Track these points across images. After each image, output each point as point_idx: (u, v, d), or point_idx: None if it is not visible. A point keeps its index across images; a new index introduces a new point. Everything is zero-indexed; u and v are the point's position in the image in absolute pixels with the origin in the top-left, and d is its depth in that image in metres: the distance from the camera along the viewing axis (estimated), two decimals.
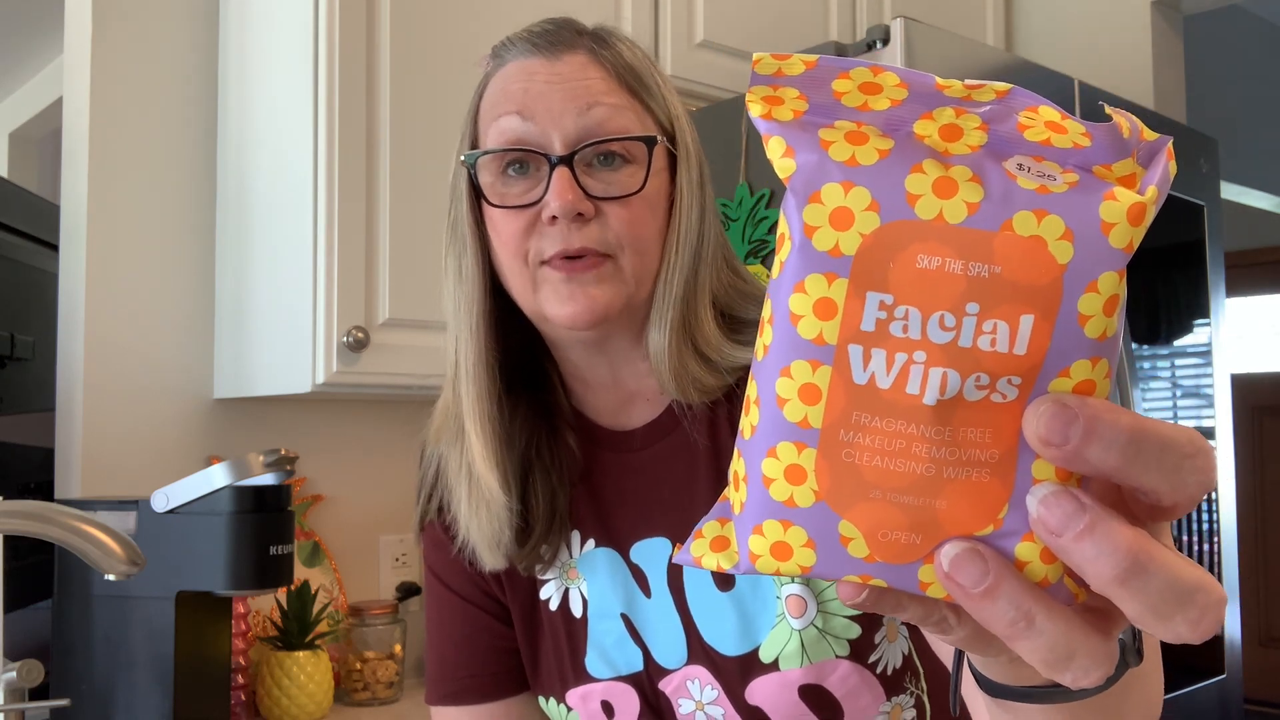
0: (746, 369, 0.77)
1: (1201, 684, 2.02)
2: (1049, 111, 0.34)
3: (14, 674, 1.18)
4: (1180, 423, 2.02)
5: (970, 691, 0.53)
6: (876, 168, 0.32)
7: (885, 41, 1.59)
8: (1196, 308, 2.11)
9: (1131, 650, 0.42)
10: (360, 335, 1.49)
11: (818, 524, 0.34)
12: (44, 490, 1.63)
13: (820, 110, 0.35)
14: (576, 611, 0.87)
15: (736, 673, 0.79)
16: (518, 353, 0.85)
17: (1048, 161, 0.33)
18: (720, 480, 0.80)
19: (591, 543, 0.86)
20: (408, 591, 1.84)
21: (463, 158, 0.82)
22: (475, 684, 0.90)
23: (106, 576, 0.96)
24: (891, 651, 0.81)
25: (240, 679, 1.57)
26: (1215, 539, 2.08)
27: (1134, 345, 1.88)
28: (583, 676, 0.86)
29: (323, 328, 1.49)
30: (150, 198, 1.69)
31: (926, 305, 0.32)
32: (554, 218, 0.75)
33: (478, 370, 0.80)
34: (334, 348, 1.48)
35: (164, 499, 1.30)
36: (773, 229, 1.65)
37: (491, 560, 0.84)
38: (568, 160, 0.76)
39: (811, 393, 0.33)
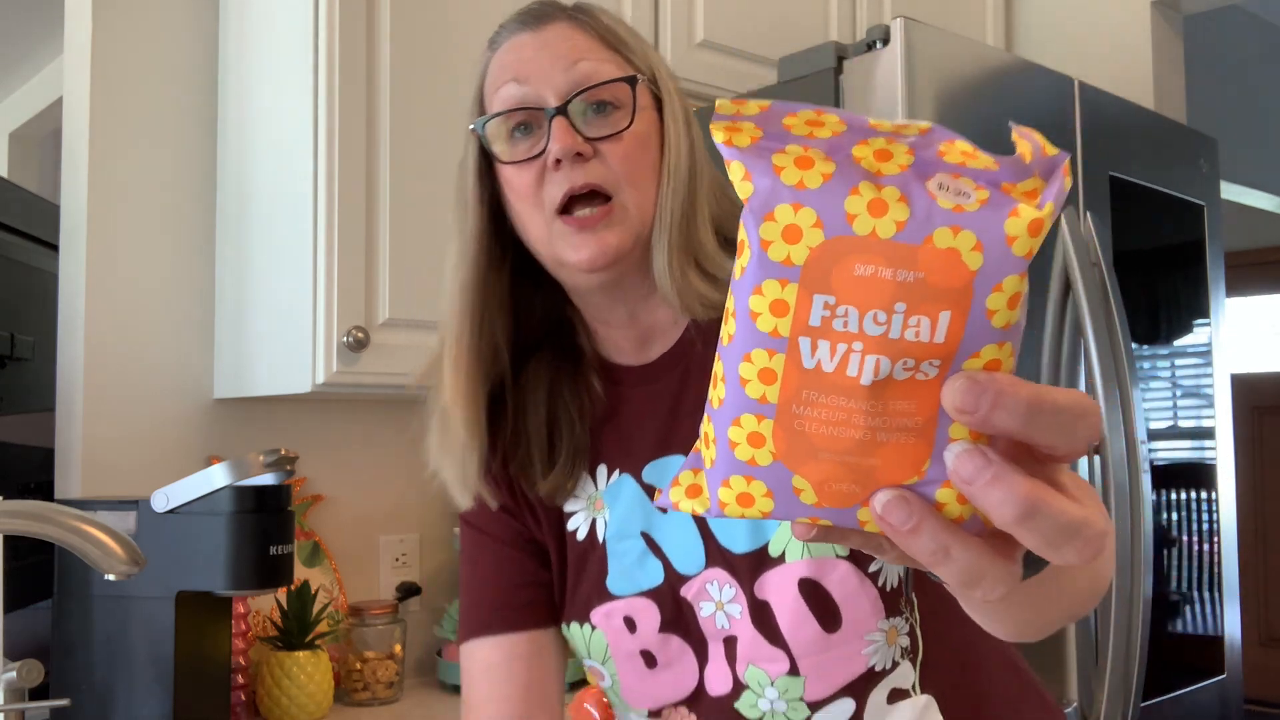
0: None
1: (1201, 684, 2.02)
2: (964, 144, 0.41)
3: (14, 674, 1.18)
4: (1180, 423, 2.03)
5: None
6: (821, 190, 0.40)
7: (885, 41, 1.59)
8: (1196, 308, 2.11)
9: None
10: (360, 335, 1.49)
11: (775, 479, 0.43)
12: (44, 490, 1.63)
13: (773, 137, 0.41)
14: (599, 537, 0.93)
15: (748, 569, 0.85)
16: (546, 311, 0.94)
17: (964, 178, 0.40)
18: None
19: (616, 473, 0.93)
20: (408, 591, 1.84)
21: (472, 125, 0.91)
22: (502, 615, 0.96)
23: (106, 576, 0.96)
24: (890, 570, 0.85)
25: (240, 679, 1.57)
26: (1215, 539, 2.08)
27: (1134, 345, 1.88)
28: (605, 596, 0.92)
29: (323, 328, 1.49)
30: (150, 198, 1.69)
31: (863, 305, 0.39)
32: (558, 161, 0.84)
33: (462, 322, 0.88)
34: (334, 348, 1.48)
35: (164, 499, 1.30)
36: None
37: (461, 498, 0.93)
38: (562, 110, 0.85)
39: (769, 375, 0.41)
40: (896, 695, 0.88)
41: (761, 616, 0.85)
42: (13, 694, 1.21)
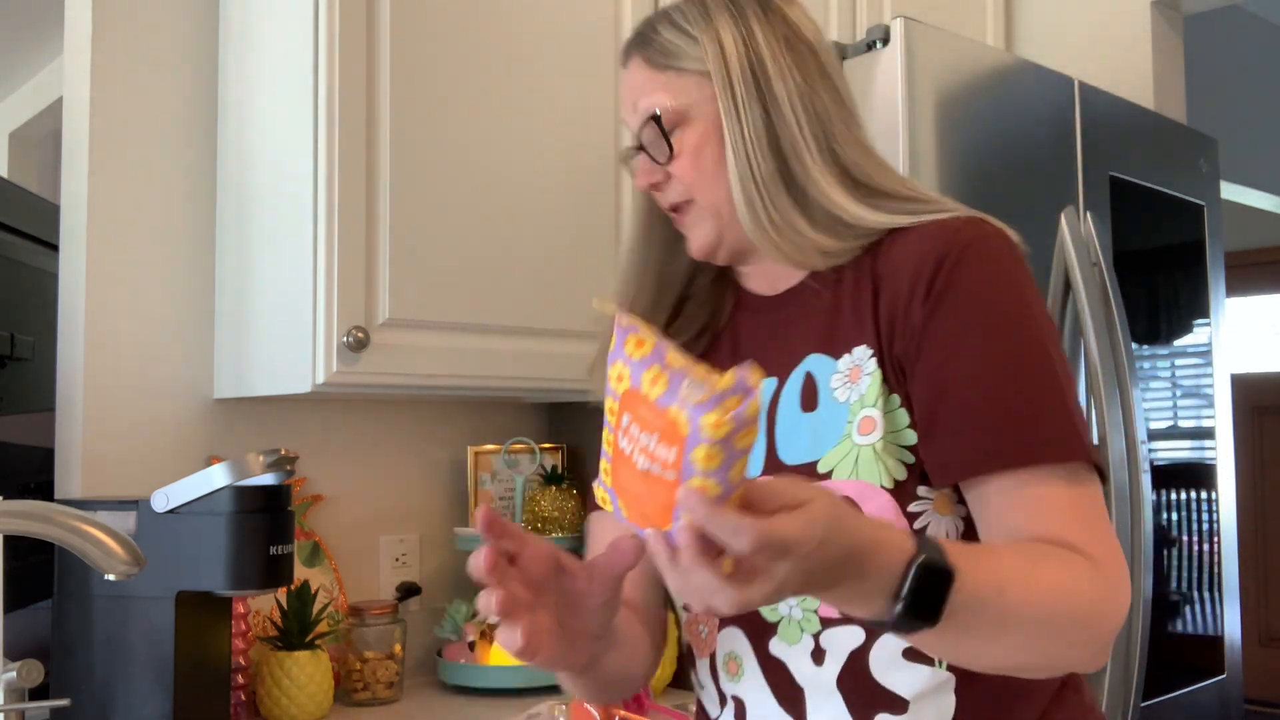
0: (875, 233, 0.95)
1: (1201, 684, 2.02)
2: (704, 369, 0.68)
3: (14, 674, 1.18)
4: (1180, 423, 2.03)
5: None
6: (638, 361, 0.70)
7: (885, 41, 1.59)
8: (1196, 308, 2.11)
9: (906, 608, 0.72)
10: (360, 335, 1.49)
11: (614, 495, 0.75)
12: (44, 490, 1.63)
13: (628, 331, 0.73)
14: None
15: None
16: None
17: (702, 388, 0.65)
18: (830, 334, 0.97)
19: None
20: (408, 591, 1.84)
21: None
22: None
23: (106, 576, 0.96)
24: (937, 523, 0.90)
25: (240, 679, 1.57)
26: (1215, 539, 2.08)
27: (1134, 345, 1.88)
28: None
29: (323, 328, 1.49)
30: (150, 198, 1.69)
31: (640, 426, 0.69)
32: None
33: (631, 251, 1.09)
34: (334, 348, 1.48)
35: (164, 499, 1.30)
36: None
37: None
38: (637, 149, 1.01)
39: (610, 445, 0.74)
40: (916, 656, 0.90)
41: None
42: (13, 694, 1.21)
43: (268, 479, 1.32)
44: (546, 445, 1.99)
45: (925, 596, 0.72)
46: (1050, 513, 0.85)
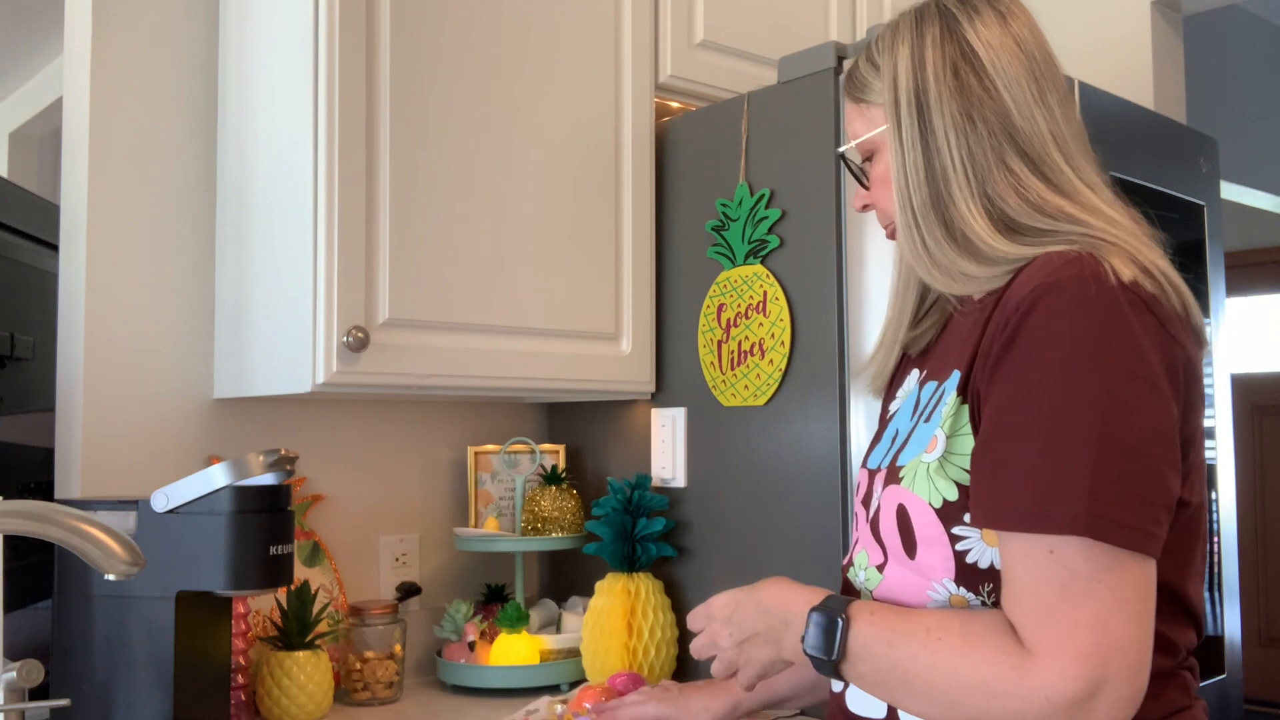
0: (1014, 263, 0.96)
1: (1201, 684, 2.01)
2: None
3: (14, 674, 1.18)
4: None
5: None
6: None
7: None
8: None
9: (807, 646, 0.97)
10: (360, 335, 1.49)
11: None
12: (44, 490, 1.63)
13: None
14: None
15: (885, 476, 1.04)
16: None
17: None
18: (957, 354, 1.01)
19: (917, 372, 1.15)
20: (408, 591, 1.84)
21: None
22: None
23: (106, 576, 0.96)
24: (983, 550, 0.93)
25: (240, 679, 1.57)
26: (1215, 539, 2.08)
27: None
28: (866, 462, 1.15)
29: (323, 328, 1.49)
30: (150, 198, 1.69)
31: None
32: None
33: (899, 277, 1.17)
34: (334, 348, 1.48)
35: (164, 499, 1.30)
36: (773, 228, 1.65)
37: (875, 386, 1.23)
38: (855, 176, 1.15)
39: None
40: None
41: (876, 515, 1.04)
42: (13, 694, 1.21)
43: (268, 479, 1.32)
44: (546, 445, 1.99)
45: (819, 640, 0.95)
46: (1017, 587, 0.87)
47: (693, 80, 1.91)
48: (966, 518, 0.93)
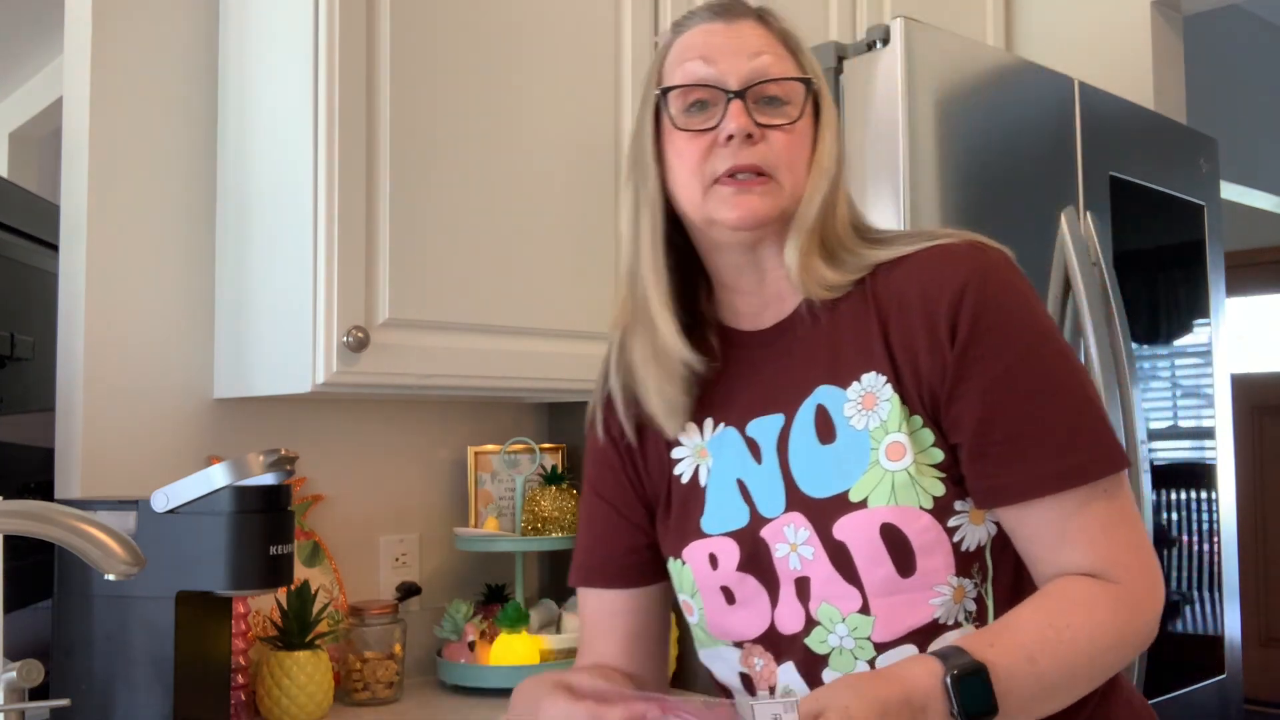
0: (872, 266, 0.98)
1: (1201, 684, 2.02)
2: None
3: (14, 674, 1.18)
4: (1180, 423, 2.03)
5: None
6: None
7: (885, 41, 1.59)
8: (1196, 308, 2.11)
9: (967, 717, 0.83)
10: (360, 335, 1.49)
11: None
12: (44, 490, 1.63)
13: None
14: (701, 482, 1.05)
15: (826, 512, 0.95)
16: (674, 271, 1.05)
17: None
18: (834, 365, 0.98)
19: (721, 425, 1.05)
20: (408, 591, 1.84)
21: (656, 90, 1.02)
22: (608, 571, 1.11)
23: (106, 576, 0.96)
24: (972, 533, 0.94)
25: (240, 679, 1.57)
26: (1215, 539, 2.08)
27: (1134, 345, 1.88)
28: (697, 533, 1.03)
29: (323, 328, 1.49)
30: (150, 198, 1.69)
31: None
32: (729, 137, 0.96)
33: (660, 269, 1.02)
34: (334, 348, 1.48)
35: (164, 499, 1.30)
36: None
37: (672, 426, 1.05)
38: (741, 94, 0.97)
39: None
40: None
41: (838, 555, 0.95)
42: (13, 694, 1.21)
43: (268, 479, 1.32)
44: (546, 445, 1.99)
45: (974, 699, 0.83)
46: (1081, 539, 0.92)
47: None
48: (957, 504, 0.94)
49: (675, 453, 1.07)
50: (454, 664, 1.77)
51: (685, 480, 1.06)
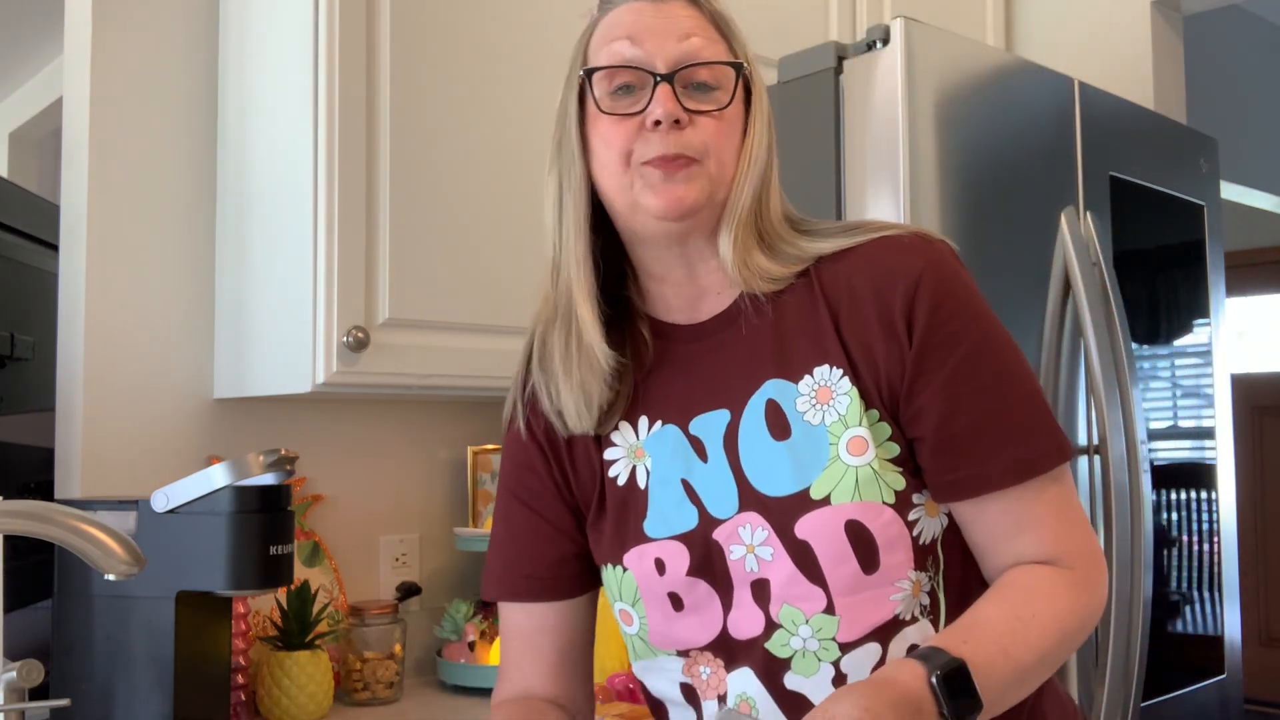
0: (814, 258, 0.95)
1: (1201, 684, 2.02)
2: None
3: (14, 674, 1.18)
4: (1180, 423, 2.03)
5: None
6: None
7: (885, 41, 1.59)
8: (1196, 308, 2.11)
9: (956, 714, 0.81)
10: (360, 335, 1.49)
11: None
12: (44, 490, 1.63)
13: None
14: (641, 484, 0.99)
15: (786, 511, 0.92)
16: (601, 261, 0.99)
17: None
18: (783, 359, 0.95)
19: (659, 423, 0.99)
20: (408, 591, 1.84)
21: (580, 71, 0.97)
22: (528, 584, 1.04)
23: (106, 576, 0.96)
24: (929, 526, 0.93)
25: (240, 679, 1.57)
26: (1215, 539, 2.08)
27: (1134, 345, 1.88)
28: (640, 538, 0.97)
29: (323, 328, 1.49)
30: (150, 198, 1.69)
31: None
32: (656, 122, 0.91)
33: (582, 257, 0.96)
34: (334, 348, 1.48)
35: (164, 499, 1.30)
36: None
37: (580, 424, 0.99)
38: (669, 78, 0.92)
39: None
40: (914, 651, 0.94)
41: (801, 555, 0.91)
42: (13, 694, 1.21)
43: (268, 479, 1.32)
44: None
45: (959, 695, 0.82)
46: (1037, 527, 0.93)
47: None
48: (915, 498, 0.93)
49: (609, 453, 1.01)
50: (454, 664, 1.77)
51: (622, 482, 1.00)
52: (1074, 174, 1.83)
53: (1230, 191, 3.49)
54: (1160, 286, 2.04)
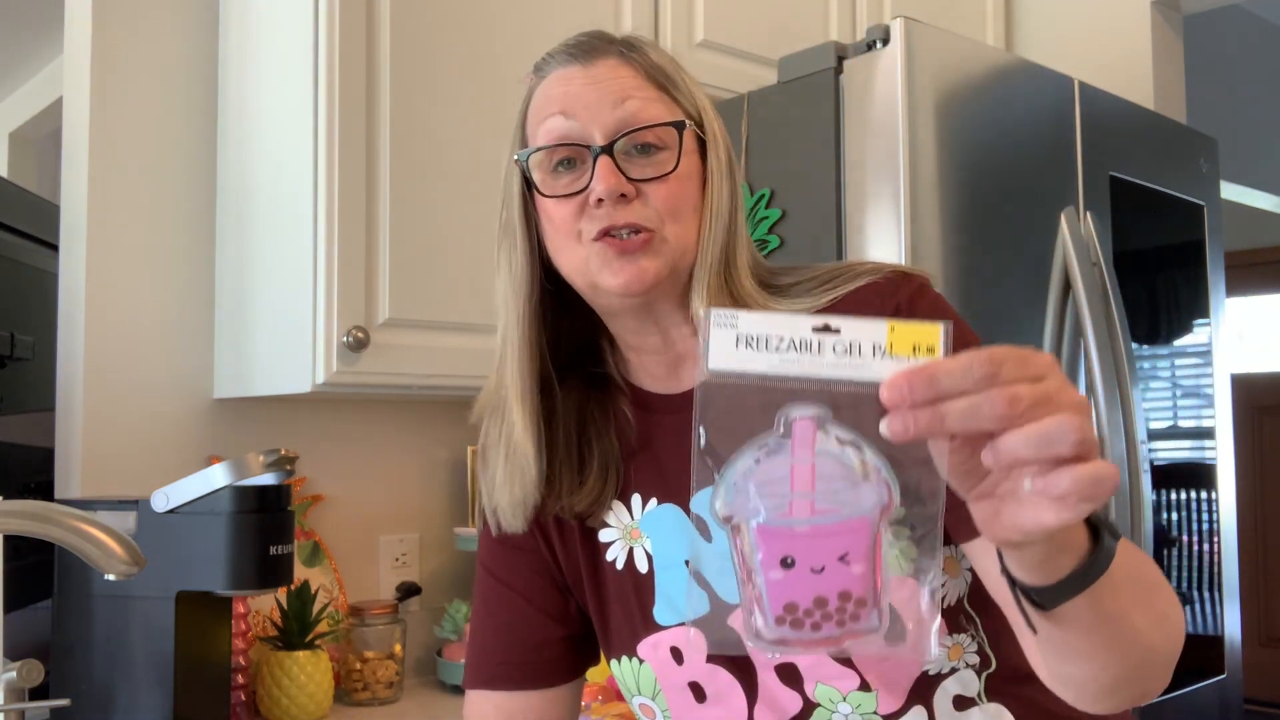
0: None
1: (1201, 684, 2.02)
2: None
3: (14, 674, 1.18)
4: (1180, 423, 2.03)
5: (1024, 640, 0.77)
6: None
7: (885, 41, 1.59)
8: (1196, 308, 2.11)
9: (1106, 528, 0.64)
10: (360, 335, 1.49)
11: None
12: (44, 490, 1.63)
13: None
14: (642, 568, 0.93)
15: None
16: (574, 336, 0.96)
17: None
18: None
19: (654, 501, 0.93)
20: (408, 591, 1.84)
21: (516, 157, 0.92)
22: (507, 671, 0.98)
23: (106, 576, 0.96)
24: (952, 586, 0.88)
25: (240, 679, 1.57)
26: (1215, 539, 2.08)
27: (1134, 345, 1.88)
28: (652, 627, 0.92)
29: (323, 328, 1.49)
30: (150, 198, 1.69)
31: None
32: (600, 200, 0.85)
33: (521, 352, 0.91)
34: (334, 348, 1.48)
35: (164, 499, 1.30)
36: (773, 228, 1.65)
37: (513, 523, 0.94)
38: (608, 149, 0.86)
39: None
40: (963, 703, 0.89)
41: None
42: (13, 694, 1.21)
43: (268, 479, 1.32)
44: None
45: (1105, 539, 0.65)
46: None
47: None
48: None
49: (603, 535, 0.95)
50: (454, 664, 1.77)
51: (620, 566, 0.94)
52: (1074, 174, 1.83)
53: (1230, 191, 3.49)
54: (1160, 286, 2.04)
